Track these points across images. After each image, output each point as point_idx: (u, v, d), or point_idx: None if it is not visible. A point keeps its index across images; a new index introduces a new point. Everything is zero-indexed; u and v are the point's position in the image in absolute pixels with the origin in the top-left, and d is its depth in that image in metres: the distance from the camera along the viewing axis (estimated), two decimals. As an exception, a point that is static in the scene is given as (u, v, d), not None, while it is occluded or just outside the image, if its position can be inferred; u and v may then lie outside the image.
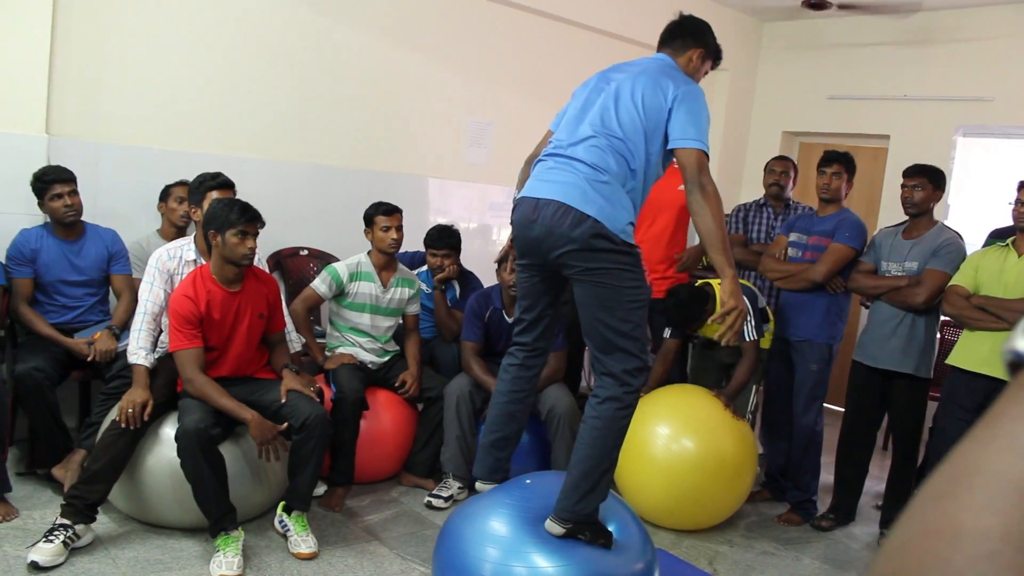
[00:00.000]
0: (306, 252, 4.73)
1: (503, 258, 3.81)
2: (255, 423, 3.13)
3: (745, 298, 2.72)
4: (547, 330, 2.92)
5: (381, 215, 3.94)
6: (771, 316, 4.26)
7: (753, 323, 3.99)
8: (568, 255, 2.56)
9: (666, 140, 2.66)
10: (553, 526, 2.58)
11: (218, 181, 3.65)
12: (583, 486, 2.62)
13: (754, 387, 4.20)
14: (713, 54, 2.96)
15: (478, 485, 2.97)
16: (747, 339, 3.97)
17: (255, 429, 3.12)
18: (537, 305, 2.85)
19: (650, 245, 4.40)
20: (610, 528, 2.70)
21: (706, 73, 2.99)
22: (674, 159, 2.69)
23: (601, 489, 2.66)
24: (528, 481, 2.89)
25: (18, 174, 3.73)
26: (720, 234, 2.58)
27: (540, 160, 2.76)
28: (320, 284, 3.95)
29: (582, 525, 2.61)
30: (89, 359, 3.56)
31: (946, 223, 4.26)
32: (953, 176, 5.85)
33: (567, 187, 2.57)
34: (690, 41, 2.89)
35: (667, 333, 4.24)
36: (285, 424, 3.20)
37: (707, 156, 2.65)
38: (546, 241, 2.59)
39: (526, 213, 2.65)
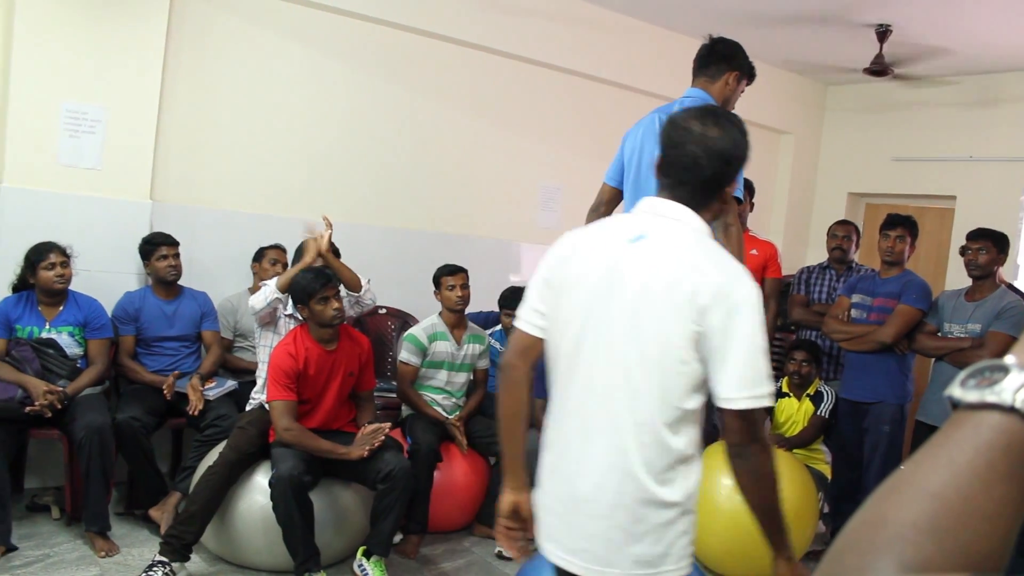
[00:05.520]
0: (384, 311, 4.94)
1: None
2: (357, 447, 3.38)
3: None
4: None
5: (446, 275, 4.16)
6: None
7: (831, 403, 4.33)
8: None
9: None
10: None
11: None
12: None
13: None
14: (747, 74, 3.06)
15: None
16: (821, 414, 4.33)
17: (358, 447, 3.36)
18: None
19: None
20: None
21: (742, 92, 3.09)
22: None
23: None
24: None
25: (125, 236, 4.07)
26: None
27: None
28: (408, 356, 4.12)
29: None
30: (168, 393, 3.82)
31: (1016, 284, 4.27)
32: (1022, 237, 5.80)
33: None
34: (724, 66, 3.00)
35: None
36: (388, 424, 3.45)
37: (737, 198, 2.70)
38: None
39: None
